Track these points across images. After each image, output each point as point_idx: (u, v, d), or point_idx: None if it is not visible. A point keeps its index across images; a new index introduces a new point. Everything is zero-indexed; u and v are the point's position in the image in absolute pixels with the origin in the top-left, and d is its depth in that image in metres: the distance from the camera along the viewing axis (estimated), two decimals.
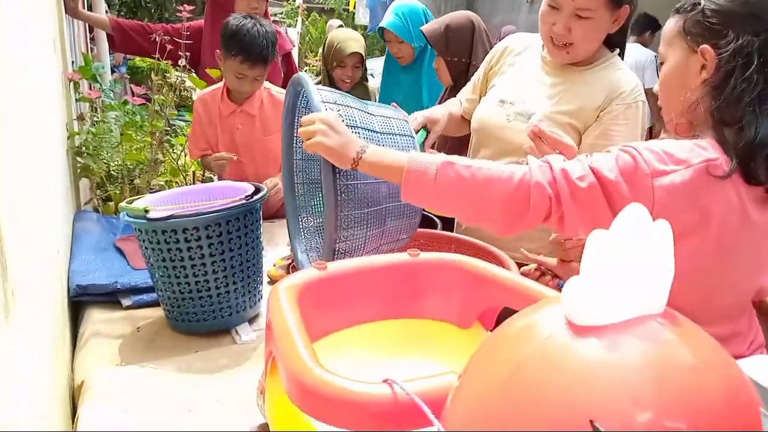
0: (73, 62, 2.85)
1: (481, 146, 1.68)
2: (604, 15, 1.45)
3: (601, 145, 1.48)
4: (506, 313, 0.86)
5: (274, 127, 2.19)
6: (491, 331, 0.87)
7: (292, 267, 1.72)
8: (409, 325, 0.85)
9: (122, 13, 8.52)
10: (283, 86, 2.20)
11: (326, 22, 13.61)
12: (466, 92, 1.86)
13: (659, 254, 0.44)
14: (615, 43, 1.57)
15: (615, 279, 0.43)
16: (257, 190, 1.49)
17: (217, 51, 2.07)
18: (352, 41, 2.75)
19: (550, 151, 1.26)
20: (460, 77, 2.17)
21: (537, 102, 1.57)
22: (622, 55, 1.60)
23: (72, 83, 2.43)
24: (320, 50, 2.97)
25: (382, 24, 2.66)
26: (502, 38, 1.84)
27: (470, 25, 2.24)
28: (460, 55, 2.21)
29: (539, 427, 0.40)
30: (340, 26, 4.75)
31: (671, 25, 1.11)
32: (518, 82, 1.64)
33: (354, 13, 9.42)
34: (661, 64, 1.15)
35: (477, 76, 1.82)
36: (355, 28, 7.70)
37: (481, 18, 2.34)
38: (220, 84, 2.18)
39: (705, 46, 1.02)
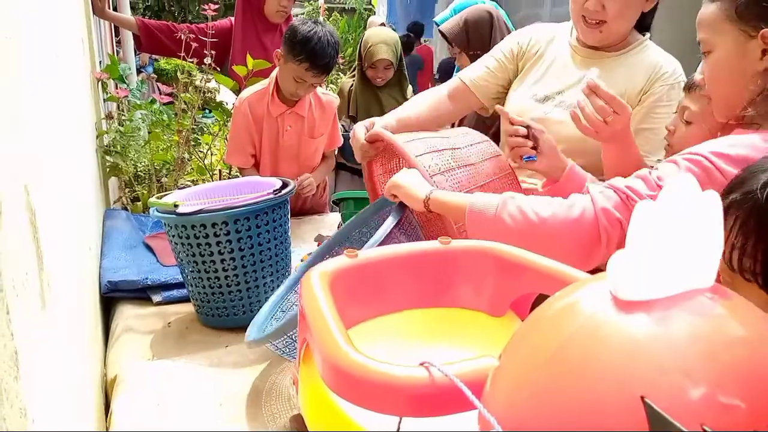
0: (100, 62, 2.89)
1: None
2: None
3: (646, 129, 1.46)
4: (540, 301, 0.85)
5: (320, 129, 2.21)
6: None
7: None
8: (441, 315, 0.84)
9: (147, 16, 8.64)
10: None
11: (347, 22, 13.68)
12: (479, 73, 1.73)
13: (708, 227, 0.43)
14: (645, 26, 1.55)
15: (662, 252, 0.42)
16: (285, 185, 1.50)
17: (278, 51, 2.04)
18: (383, 46, 2.77)
19: (604, 110, 1.23)
20: None
21: (571, 92, 1.53)
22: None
23: (100, 83, 2.47)
24: (358, 46, 2.96)
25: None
26: None
27: (488, 17, 2.22)
28: (483, 48, 2.19)
29: (587, 404, 0.39)
30: (382, 24, 4.67)
31: (714, 10, 1.05)
32: (551, 75, 1.59)
33: (374, 12, 9.45)
34: (704, 54, 1.11)
35: (494, 62, 1.71)
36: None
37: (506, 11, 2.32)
38: (262, 86, 2.15)
39: (767, 29, 0.97)
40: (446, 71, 5.58)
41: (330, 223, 2.23)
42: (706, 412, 0.36)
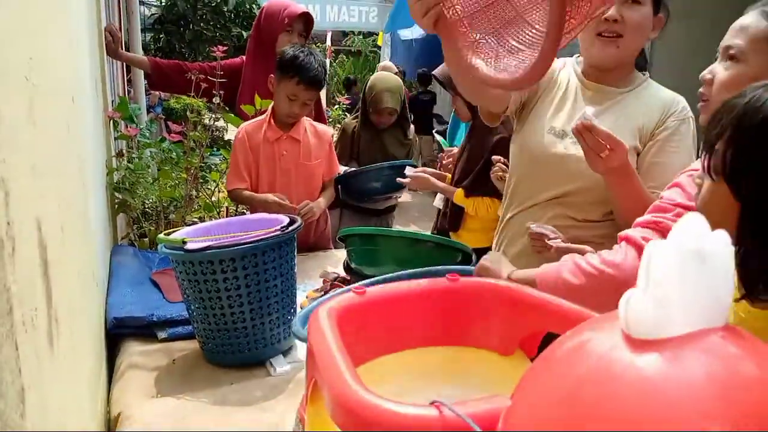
0: (112, 101, 2.94)
1: (532, 176, 1.59)
2: (650, 11, 1.47)
3: (659, 163, 1.47)
4: (549, 340, 0.85)
5: (316, 154, 2.28)
6: (533, 358, 0.85)
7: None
8: (450, 353, 0.83)
9: (158, 56, 8.81)
10: None
11: (353, 64, 13.91)
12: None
13: (719, 266, 0.43)
14: (641, 65, 1.59)
15: (674, 291, 0.42)
16: (292, 222, 1.51)
17: (271, 76, 2.18)
18: (388, 94, 2.85)
19: (599, 146, 1.27)
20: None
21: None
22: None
23: (111, 121, 2.50)
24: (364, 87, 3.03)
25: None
26: None
27: None
28: None
29: None
30: (396, 72, 4.72)
31: (764, 28, 1.05)
32: (566, 110, 1.57)
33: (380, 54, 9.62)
34: (730, 58, 1.09)
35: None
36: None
37: None
38: (260, 118, 2.25)
39: None
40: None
41: (335, 259, 2.23)
42: None
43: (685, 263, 0.41)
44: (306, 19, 2.58)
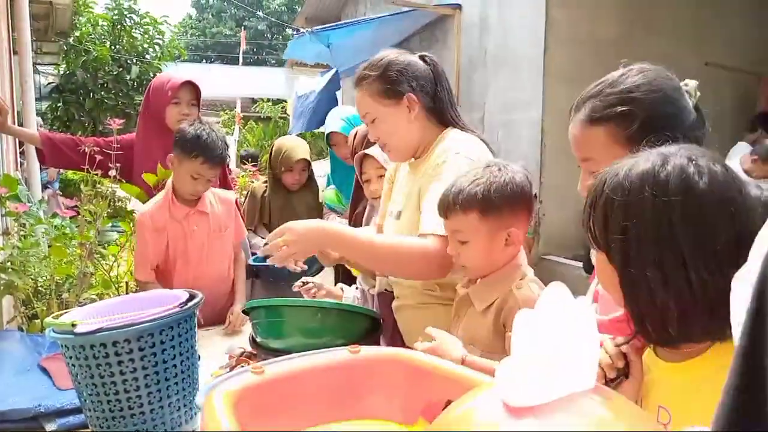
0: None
1: None
2: (388, 114, 1.61)
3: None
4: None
5: (226, 222, 2.27)
6: None
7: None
8: (352, 427, 0.82)
9: (55, 127, 8.46)
10: None
11: (263, 130, 13.94)
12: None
13: (584, 331, 0.45)
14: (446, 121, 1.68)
15: (545, 358, 0.44)
16: (191, 297, 1.46)
17: (170, 156, 2.13)
18: (300, 148, 2.97)
19: None
20: None
21: (399, 199, 1.72)
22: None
23: None
24: (267, 156, 3.08)
25: (332, 129, 2.88)
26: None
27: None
28: None
29: None
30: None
31: (601, 133, 1.11)
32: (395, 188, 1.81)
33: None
34: (588, 166, 1.16)
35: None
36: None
37: None
38: (159, 197, 2.20)
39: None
40: None
41: (245, 333, 2.16)
42: None
43: (551, 331, 0.44)
44: (192, 87, 2.56)
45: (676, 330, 0.80)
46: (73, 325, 1.28)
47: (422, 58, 1.66)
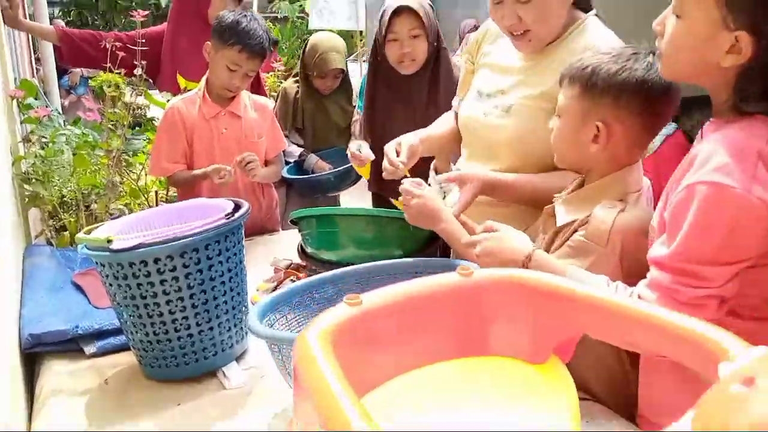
0: (15, 79, 2.60)
1: (465, 145, 1.62)
2: None
3: None
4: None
5: (260, 131, 2.08)
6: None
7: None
8: (471, 366, 0.66)
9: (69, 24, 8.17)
10: None
11: (280, 31, 13.42)
12: (458, 94, 1.70)
13: None
14: (585, 6, 1.46)
15: None
16: (237, 207, 1.30)
17: (207, 44, 1.95)
18: (335, 54, 2.66)
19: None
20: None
21: (513, 90, 1.46)
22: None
23: (15, 102, 2.19)
24: (300, 52, 2.81)
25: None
26: (462, 33, 1.72)
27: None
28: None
29: None
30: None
31: None
32: (495, 72, 1.54)
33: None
34: (674, 12, 0.95)
35: (462, 75, 1.69)
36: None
37: (442, 13, 2.20)
38: (191, 92, 2.03)
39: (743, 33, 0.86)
40: None
41: (285, 243, 2.02)
42: None
43: None
44: None
45: None
46: (109, 241, 1.13)
47: None
